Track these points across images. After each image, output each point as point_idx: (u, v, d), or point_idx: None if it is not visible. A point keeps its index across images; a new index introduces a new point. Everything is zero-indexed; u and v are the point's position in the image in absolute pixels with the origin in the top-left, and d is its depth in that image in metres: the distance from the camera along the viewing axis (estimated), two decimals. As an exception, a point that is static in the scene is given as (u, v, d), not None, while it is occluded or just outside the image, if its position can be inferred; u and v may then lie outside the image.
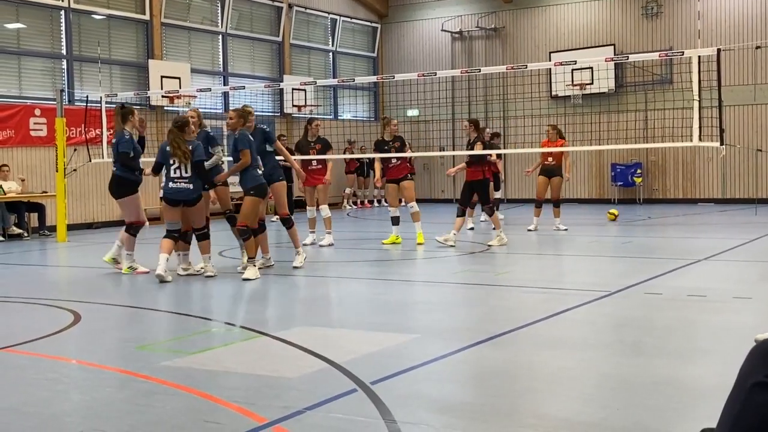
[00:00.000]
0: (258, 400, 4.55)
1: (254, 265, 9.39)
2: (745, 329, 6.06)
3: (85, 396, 4.80)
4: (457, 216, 12.42)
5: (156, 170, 9.84)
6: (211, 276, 9.51)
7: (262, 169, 9.98)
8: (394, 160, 12.70)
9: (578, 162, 23.26)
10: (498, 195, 17.97)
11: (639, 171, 22.23)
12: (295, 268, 10.03)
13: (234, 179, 9.96)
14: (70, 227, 15.59)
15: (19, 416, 4.45)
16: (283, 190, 10.47)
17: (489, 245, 12.15)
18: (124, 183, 10.14)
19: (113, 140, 10.52)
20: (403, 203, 12.80)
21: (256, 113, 10.77)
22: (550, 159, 14.73)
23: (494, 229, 12.50)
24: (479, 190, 12.44)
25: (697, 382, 4.87)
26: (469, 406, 4.45)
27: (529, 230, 14.54)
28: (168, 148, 9.40)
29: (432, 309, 7.63)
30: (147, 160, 10.75)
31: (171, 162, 9.34)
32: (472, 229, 14.68)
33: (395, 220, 12.78)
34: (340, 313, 7.66)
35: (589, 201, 22.92)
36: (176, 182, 9.34)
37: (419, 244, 12.42)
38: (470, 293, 8.50)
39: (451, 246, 12.02)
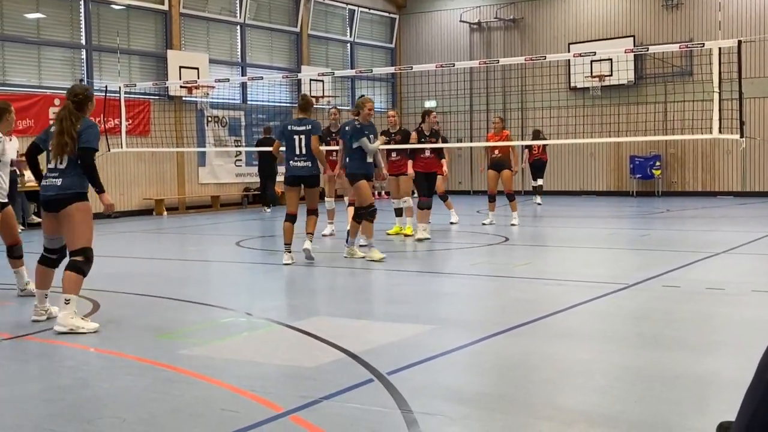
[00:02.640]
0: (275, 389, 4.57)
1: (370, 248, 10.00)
2: (764, 322, 6.02)
3: (104, 384, 4.84)
4: (420, 209, 12.32)
5: (31, 164, 6.99)
6: (37, 321, 6.67)
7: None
8: (394, 154, 12.91)
9: (597, 154, 23.18)
10: (540, 182, 18.69)
11: (658, 163, 22.10)
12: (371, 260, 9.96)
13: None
14: (89, 216, 15.67)
15: (39, 403, 4.49)
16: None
17: (418, 239, 12.09)
18: None
19: None
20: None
21: (273, 104, 10.80)
22: (496, 152, 14.48)
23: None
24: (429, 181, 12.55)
25: (715, 375, 4.85)
26: (486, 397, 4.45)
27: (484, 224, 14.40)
28: (51, 130, 6.63)
29: (450, 300, 7.64)
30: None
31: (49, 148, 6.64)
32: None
33: (398, 212, 13.07)
34: (357, 304, 7.67)
35: (608, 194, 22.84)
36: (47, 177, 6.57)
37: (407, 235, 12.58)
38: (488, 285, 8.49)
39: (427, 239, 12.06)
